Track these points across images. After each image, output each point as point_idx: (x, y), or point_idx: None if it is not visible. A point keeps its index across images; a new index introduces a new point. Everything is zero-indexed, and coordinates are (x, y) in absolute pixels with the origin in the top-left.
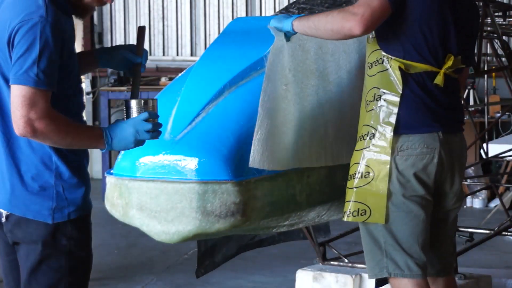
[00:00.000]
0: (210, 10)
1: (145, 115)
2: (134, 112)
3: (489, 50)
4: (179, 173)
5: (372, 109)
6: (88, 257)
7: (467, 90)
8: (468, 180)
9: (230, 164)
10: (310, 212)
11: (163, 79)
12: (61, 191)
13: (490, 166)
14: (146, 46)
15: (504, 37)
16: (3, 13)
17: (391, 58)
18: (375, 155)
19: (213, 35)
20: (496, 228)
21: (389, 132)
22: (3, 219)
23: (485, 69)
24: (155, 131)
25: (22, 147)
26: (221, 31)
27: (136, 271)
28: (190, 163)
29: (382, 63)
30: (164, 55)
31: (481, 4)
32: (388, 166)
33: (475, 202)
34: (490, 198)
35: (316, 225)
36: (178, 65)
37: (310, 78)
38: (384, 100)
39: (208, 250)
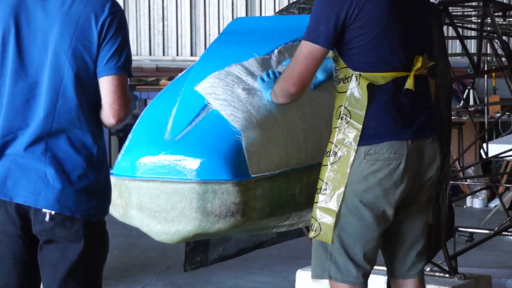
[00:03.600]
0: (210, 10)
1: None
2: None
3: (489, 50)
4: (179, 173)
5: (337, 127)
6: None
7: (467, 90)
8: (468, 180)
9: (230, 164)
10: (310, 212)
11: (163, 79)
12: (101, 189)
13: (490, 166)
14: (146, 46)
15: (504, 37)
16: (73, 9)
17: (360, 75)
18: (334, 174)
19: (213, 35)
20: (496, 228)
21: (350, 152)
22: (47, 219)
23: (485, 69)
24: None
25: (62, 147)
26: (221, 31)
27: (136, 271)
28: (190, 163)
29: (351, 80)
30: (164, 55)
31: (481, 4)
32: (343, 187)
33: (475, 202)
34: (490, 198)
35: None
36: (178, 65)
37: None
38: (350, 118)
39: (200, 246)
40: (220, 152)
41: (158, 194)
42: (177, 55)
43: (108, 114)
